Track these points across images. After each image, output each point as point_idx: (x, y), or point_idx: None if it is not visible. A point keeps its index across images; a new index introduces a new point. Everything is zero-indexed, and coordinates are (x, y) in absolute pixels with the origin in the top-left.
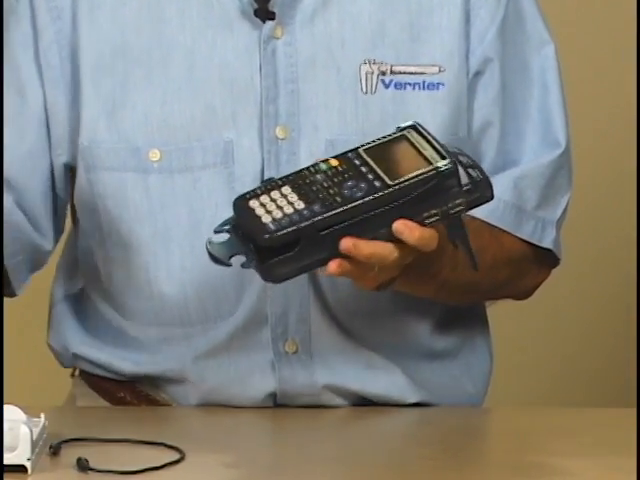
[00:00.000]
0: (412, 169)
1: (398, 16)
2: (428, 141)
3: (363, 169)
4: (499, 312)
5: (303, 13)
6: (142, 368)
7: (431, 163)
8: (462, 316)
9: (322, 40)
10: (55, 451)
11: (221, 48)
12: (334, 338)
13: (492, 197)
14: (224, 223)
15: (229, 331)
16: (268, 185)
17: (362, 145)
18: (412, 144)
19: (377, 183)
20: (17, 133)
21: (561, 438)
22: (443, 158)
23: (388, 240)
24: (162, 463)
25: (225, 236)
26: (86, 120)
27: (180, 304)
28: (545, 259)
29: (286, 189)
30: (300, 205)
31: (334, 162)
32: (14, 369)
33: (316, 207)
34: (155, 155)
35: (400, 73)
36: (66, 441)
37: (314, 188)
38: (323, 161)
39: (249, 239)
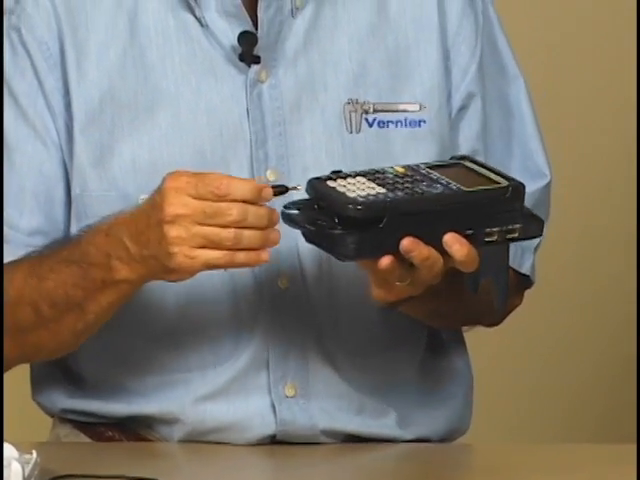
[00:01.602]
0: (483, 184)
1: (377, 54)
2: (486, 168)
3: (434, 176)
4: (494, 350)
5: (286, 56)
6: (135, 409)
7: (498, 183)
8: (444, 345)
9: (305, 82)
10: None
11: (206, 93)
12: (330, 381)
13: (541, 234)
14: (293, 203)
15: (228, 375)
16: (340, 174)
17: (421, 163)
18: (471, 169)
19: (453, 187)
20: (53, 182)
21: (557, 475)
22: (508, 180)
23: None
24: None
25: None
26: (77, 168)
27: (177, 353)
28: (520, 285)
29: (361, 179)
30: (382, 190)
31: (400, 169)
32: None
33: (399, 193)
34: None
35: (382, 111)
36: (58, 477)
37: (390, 181)
38: (389, 167)
39: (330, 212)
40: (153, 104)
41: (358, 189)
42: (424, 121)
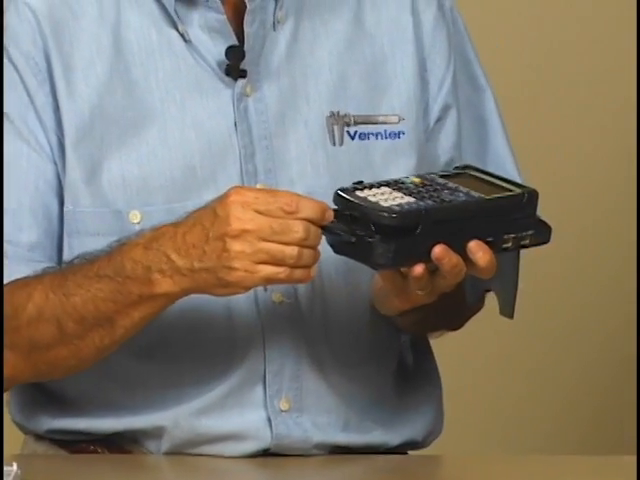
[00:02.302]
0: (498, 192)
1: (356, 67)
2: (491, 175)
3: (451, 186)
4: (491, 351)
5: (269, 69)
6: (126, 424)
7: (510, 190)
8: (412, 349)
9: (288, 95)
10: None
11: (191, 109)
12: (320, 394)
13: (549, 240)
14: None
15: (223, 390)
16: (365, 185)
17: (432, 173)
18: (479, 178)
19: (474, 195)
20: (50, 197)
21: None
22: (520, 187)
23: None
24: None
25: None
26: (69, 184)
27: (170, 368)
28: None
29: (385, 189)
30: (411, 199)
31: (416, 179)
32: None
33: (429, 202)
34: (136, 217)
35: (362, 123)
36: None
37: (414, 191)
38: (405, 177)
39: (365, 221)
40: (140, 120)
41: (389, 198)
42: (403, 132)
